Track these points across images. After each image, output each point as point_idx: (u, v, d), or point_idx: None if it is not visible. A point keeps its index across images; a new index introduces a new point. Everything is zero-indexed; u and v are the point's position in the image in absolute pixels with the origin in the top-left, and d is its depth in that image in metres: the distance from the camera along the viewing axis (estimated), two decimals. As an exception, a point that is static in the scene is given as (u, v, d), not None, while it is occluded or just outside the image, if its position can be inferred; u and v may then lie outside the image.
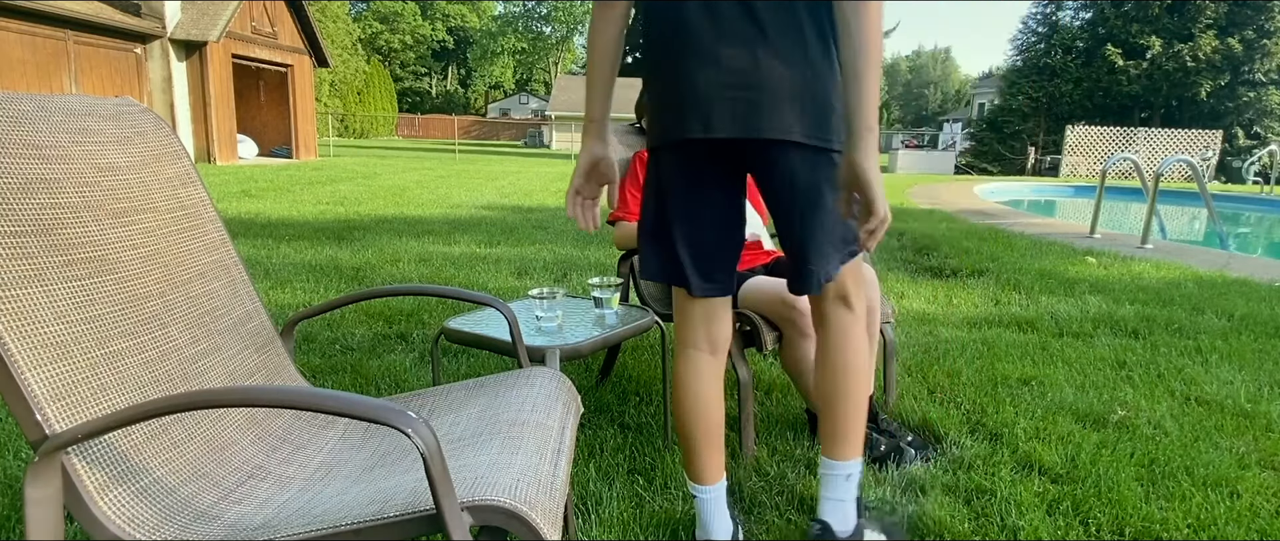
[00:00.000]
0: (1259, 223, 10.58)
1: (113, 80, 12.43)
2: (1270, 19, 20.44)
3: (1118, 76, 21.71)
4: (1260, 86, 21.02)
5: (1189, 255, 5.66)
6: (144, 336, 1.14)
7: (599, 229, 1.98)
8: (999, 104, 24.92)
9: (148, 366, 1.13)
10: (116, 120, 1.26)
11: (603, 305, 2.00)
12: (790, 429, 2.17)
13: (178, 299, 1.22)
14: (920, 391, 2.52)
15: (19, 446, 1.95)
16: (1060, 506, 1.78)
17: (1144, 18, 21.53)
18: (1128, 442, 2.12)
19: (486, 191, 9.68)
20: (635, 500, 1.77)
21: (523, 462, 1.11)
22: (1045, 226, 7.40)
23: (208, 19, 13.60)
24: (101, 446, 1.01)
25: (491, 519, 0.97)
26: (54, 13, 10.97)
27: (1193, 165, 6.57)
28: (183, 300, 1.21)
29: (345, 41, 30.86)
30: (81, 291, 1.06)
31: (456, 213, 7.46)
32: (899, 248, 5.69)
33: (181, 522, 1.02)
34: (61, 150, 1.12)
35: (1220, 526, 1.70)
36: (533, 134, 39.60)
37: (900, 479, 1.89)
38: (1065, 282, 4.39)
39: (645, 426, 2.18)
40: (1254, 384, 2.68)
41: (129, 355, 1.11)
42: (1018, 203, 11.76)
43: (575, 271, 4.49)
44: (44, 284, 1.02)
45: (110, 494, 1.00)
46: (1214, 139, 19.47)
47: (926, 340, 3.13)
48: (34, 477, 0.95)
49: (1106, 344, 3.16)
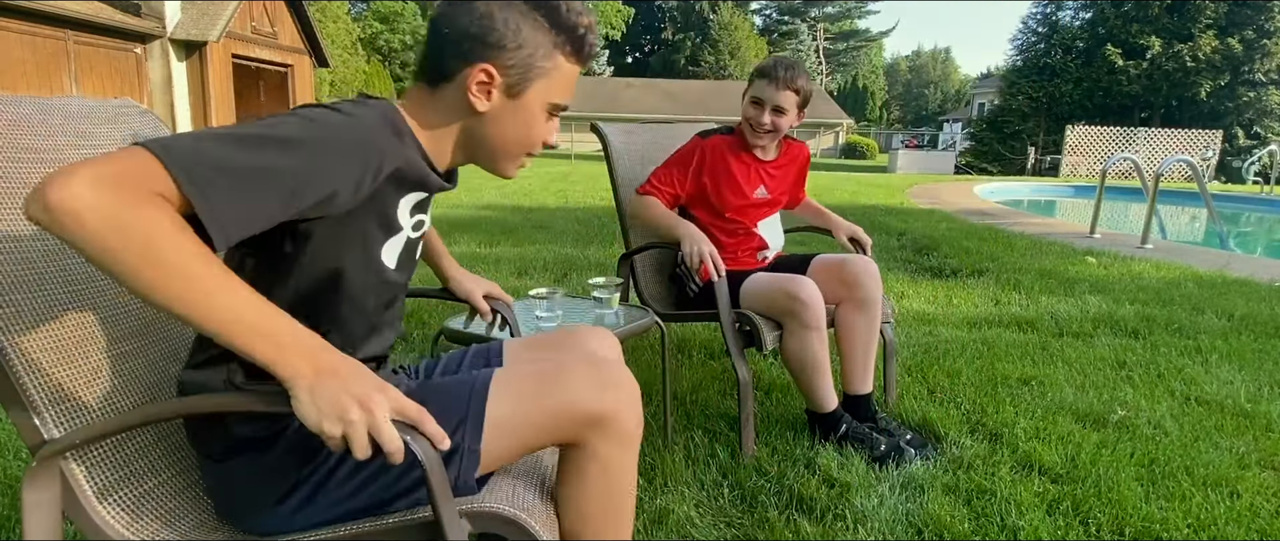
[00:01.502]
0: (1259, 223, 10.58)
1: (113, 80, 12.43)
2: (1270, 19, 20.42)
3: (1118, 76, 21.69)
4: (1260, 86, 21.00)
5: (1189, 255, 5.66)
6: (144, 340, 1.14)
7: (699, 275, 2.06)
8: (999, 104, 24.91)
9: (149, 370, 1.13)
10: (115, 123, 1.26)
11: (603, 305, 2.00)
12: (790, 428, 2.17)
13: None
14: (920, 391, 2.52)
15: (19, 447, 1.95)
16: (1060, 506, 1.78)
17: (1144, 18, 21.51)
18: (1128, 442, 2.12)
19: (486, 191, 9.68)
20: (635, 500, 1.76)
21: (521, 467, 1.11)
22: (1045, 226, 7.40)
23: (208, 19, 13.59)
24: (101, 451, 1.01)
25: (489, 525, 0.97)
26: (54, 12, 10.97)
27: (1193, 165, 6.56)
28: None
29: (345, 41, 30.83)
30: (81, 296, 1.06)
31: (456, 212, 7.46)
32: (899, 247, 5.69)
33: (180, 529, 1.02)
34: (60, 154, 1.12)
35: (1220, 526, 1.70)
36: (533, 134, 39.56)
37: (900, 478, 1.89)
38: (1065, 282, 4.38)
39: (645, 426, 2.17)
40: (1254, 384, 2.68)
41: (130, 359, 1.11)
42: (1017, 203, 11.76)
43: (575, 271, 4.48)
44: (43, 289, 1.02)
45: (109, 499, 1.00)
46: (1214, 139, 19.45)
47: (926, 340, 3.13)
48: (32, 482, 0.95)
49: (1106, 344, 3.16)
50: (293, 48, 16.65)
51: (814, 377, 2.04)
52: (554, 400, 1.02)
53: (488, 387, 1.02)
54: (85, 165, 0.72)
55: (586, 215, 7.42)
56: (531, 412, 1.02)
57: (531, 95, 1.05)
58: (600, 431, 1.02)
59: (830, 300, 2.11)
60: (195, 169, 0.77)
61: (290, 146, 0.85)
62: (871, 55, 62.20)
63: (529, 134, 1.08)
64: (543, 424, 1.02)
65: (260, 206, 0.82)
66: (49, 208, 0.70)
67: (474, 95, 1.02)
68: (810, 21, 53.88)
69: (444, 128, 1.05)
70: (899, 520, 1.71)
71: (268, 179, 0.82)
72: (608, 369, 1.06)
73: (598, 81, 37.36)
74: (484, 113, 1.04)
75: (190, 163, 0.77)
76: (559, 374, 1.04)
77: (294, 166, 0.84)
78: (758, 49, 47.41)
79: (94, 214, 0.70)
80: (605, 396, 1.03)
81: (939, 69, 76.81)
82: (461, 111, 1.04)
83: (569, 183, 11.74)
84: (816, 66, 50.69)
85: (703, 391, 2.49)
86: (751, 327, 2.04)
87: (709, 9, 49.77)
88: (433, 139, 1.05)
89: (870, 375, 2.15)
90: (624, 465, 1.07)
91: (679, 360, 2.86)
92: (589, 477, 1.05)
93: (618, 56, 55.11)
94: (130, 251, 0.72)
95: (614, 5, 46.83)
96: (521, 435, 1.02)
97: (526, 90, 1.04)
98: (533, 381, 1.04)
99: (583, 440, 1.03)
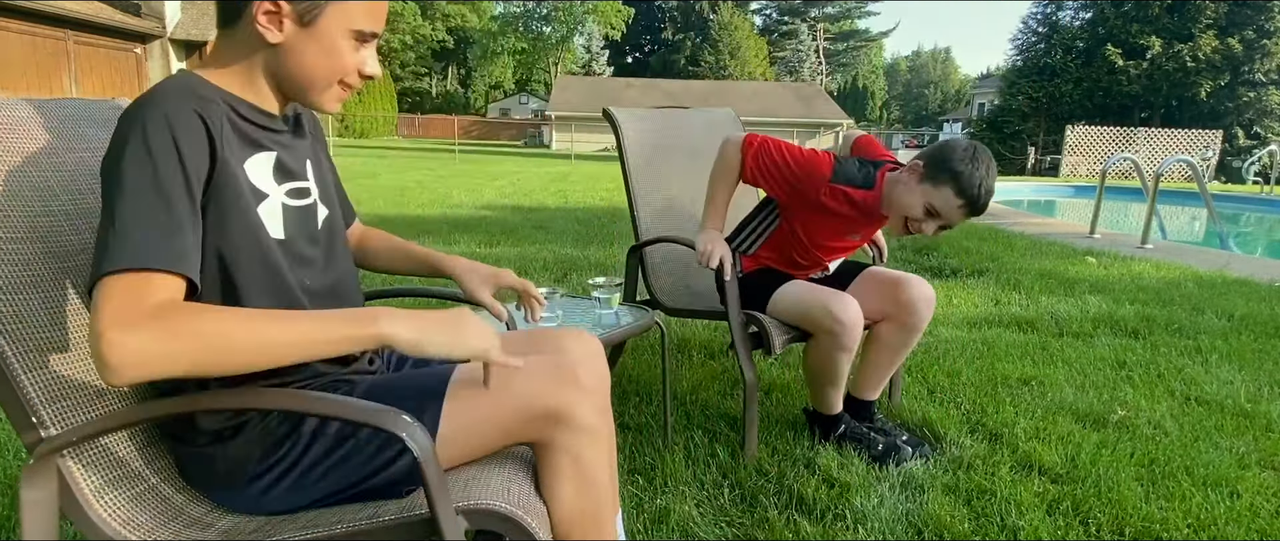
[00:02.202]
0: (1259, 223, 10.57)
1: (112, 80, 12.44)
2: (1270, 19, 20.44)
3: (1118, 76, 21.71)
4: (1260, 86, 21.01)
5: (1189, 255, 5.65)
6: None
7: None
8: (999, 104, 24.93)
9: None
10: (112, 125, 1.25)
11: (603, 305, 2.00)
12: (790, 428, 2.16)
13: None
14: (920, 391, 2.52)
15: (18, 446, 1.95)
16: (1060, 506, 1.77)
17: (1144, 18, 21.53)
18: (1128, 442, 2.12)
19: (486, 191, 9.69)
20: (635, 500, 1.77)
21: (515, 465, 1.11)
22: (1045, 226, 7.40)
23: (208, 19, 13.61)
24: (98, 449, 1.01)
25: (486, 522, 0.97)
26: (54, 13, 10.98)
27: (1193, 165, 6.56)
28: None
29: (345, 42, 30.89)
30: (78, 296, 1.06)
31: (457, 212, 7.46)
32: (899, 247, 5.69)
33: (176, 527, 1.02)
34: (57, 157, 1.11)
35: (1220, 526, 1.70)
36: (532, 134, 39.62)
37: (900, 477, 1.88)
38: (1065, 282, 4.38)
39: (645, 426, 2.18)
40: (1254, 384, 2.67)
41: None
42: (1017, 202, 11.75)
43: (575, 271, 4.48)
44: (40, 289, 1.01)
45: (106, 497, 0.99)
46: (1214, 139, 19.44)
47: (926, 340, 3.13)
48: (29, 480, 0.95)
49: (1106, 344, 3.15)
50: (293, 48, 16.65)
51: (827, 387, 2.02)
52: (511, 397, 1.03)
53: (446, 383, 1.04)
54: (99, 327, 0.81)
55: (586, 215, 7.42)
56: (489, 409, 1.04)
57: (326, 22, 1.01)
58: (561, 427, 1.04)
59: (874, 315, 2.01)
60: (133, 255, 0.85)
61: (144, 181, 0.89)
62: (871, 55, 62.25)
63: (337, 62, 1.04)
64: (501, 420, 1.04)
65: (180, 234, 0.90)
66: (117, 372, 0.81)
67: (263, 26, 0.99)
68: (810, 21, 53.93)
69: (245, 67, 1.03)
70: (899, 520, 1.70)
71: (160, 214, 0.89)
72: (566, 365, 1.07)
73: (598, 81, 37.38)
74: (278, 44, 1.01)
75: (114, 256, 0.85)
76: (517, 371, 1.04)
77: (165, 193, 0.89)
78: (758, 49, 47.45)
79: (139, 360, 0.81)
80: (560, 392, 1.04)
81: (939, 69, 76.82)
82: (255, 45, 1.02)
83: (569, 183, 11.73)
84: (816, 66, 50.69)
85: (703, 391, 2.49)
86: (760, 330, 1.99)
87: (709, 9, 49.81)
88: (242, 83, 1.04)
89: (882, 387, 2.15)
90: (594, 458, 1.07)
91: (679, 360, 2.85)
92: (561, 473, 1.06)
93: (618, 56, 55.15)
94: (197, 362, 0.85)
95: (614, 5, 46.84)
96: (480, 432, 1.04)
97: (319, 17, 1.00)
98: (494, 378, 1.04)
99: (547, 437, 1.05)
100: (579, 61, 50.09)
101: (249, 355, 0.87)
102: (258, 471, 1.02)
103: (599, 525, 1.09)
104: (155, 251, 0.86)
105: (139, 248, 0.86)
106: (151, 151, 0.89)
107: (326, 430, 1.02)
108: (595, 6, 46.10)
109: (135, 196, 0.88)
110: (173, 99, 0.94)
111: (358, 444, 1.01)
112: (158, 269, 0.86)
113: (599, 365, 1.19)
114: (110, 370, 0.80)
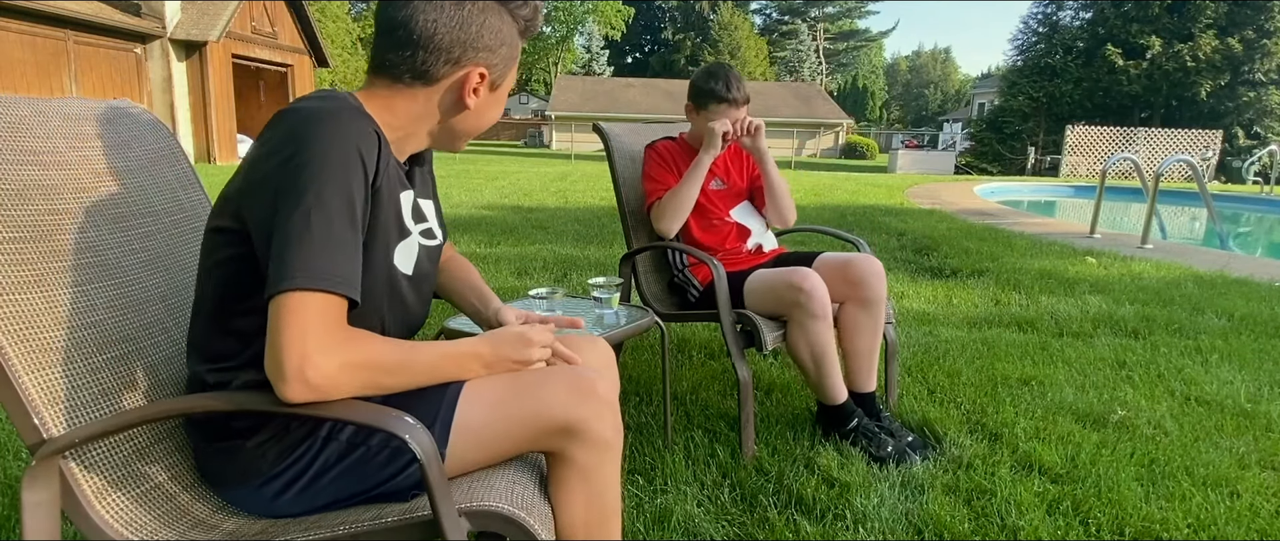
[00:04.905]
0: (1259, 223, 10.57)
1: (113, 80, 12.43)
2: (1270, 19, 20.40)
3: (1118, 76, 21.67)
4: (1260, 86, 20.98)
5: (1189, 255, 5.66)
6: (145, 341, 1.14)
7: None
8: (999, 104, 24.90)
9: (150, 371, 1.13)
10: (114, 124, 1.26)
11: (603, 305, 2.00)
12: (790, 428, 2.17)
13: (180, 303, 1.22)
14: (920, 391, 2.52)
15: (19, 447, 1.95)
16: (1060, 506, 1.78)
17: (1144, 18, 21.49)
18: (1128, 442, 2.12)
19: (486, 191, 9.68)
20: (635, 500, 1.77)
21: (519, 466, 1.11)
22: (1045, 226, 7.40)
23: (208, 19, 13.60)
24: (100, 451, 1.01)
25: (488, 524, 0.97)
26: (54, 12, 10.97)
27: (1193, 165, 6.56)
28: (185, 304, 1.21)
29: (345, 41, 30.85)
30: (81, 296, 1.06)
31: (456, 212, 7.46)
32: (899, 247, 5.69)
33: (181, 528, 1.02)
34: (59, 155, 1.11)
35: (1220, 526, 1.70)
36: (532, 134, 39.59)
37: (900, 477, 1.89)
38: (1065, 283, 4.38)
39: (645, 426, 2.18)
40: (1254, 384, 2.68)
41: (128, 360, 1.10)
42: (1018, 203, 11.75)
43: (575, 271, 4.48)
44: (43, 289, 1.02)
45: (108, 498, 0.99)
46: (1214, 139, 19.43)
47: (926, 340, 3.13)
48: (31, 481, 0.95)
49: (1106, 344, 3.16)
50: (293, 47, 16.65)
51: (822, 368, 2.04)
52: (526, 408, 1.03)
53: (459, 394, 1.03)
54: (301, 346, 0.84)
55: (586, 215, 7.42)
56: (503, 420, 1.03)
57: (506, 83, 1.11)
58: (574, 440, 1.03)
59: (834, 299, 2.11)
60: (329, 278, 0.88)
61: (337, 199, 0.90)
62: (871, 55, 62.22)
63: (495, 116, 1.14)
64: (513, 432, 1.03)
65: (358, 257, 0.93)
66: (318, 392, 0.86)
67: (470, 96, 1.05)
68: (810, 21, 53.89)
69: (418, 118, 1.07)
70: (899, 520, 1.70)
71: (347, 234, 0.91)
72: (584, 379, 1.06)
73: (598, 81, 37.34)
74: (471, 108, 1.07)
75: (315, 273, 0.86)
76: (533, 382, 1.04)
77: (352, 214, 0.92)
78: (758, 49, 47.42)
79: (334, 385, 0.87)
80: (577, 405, 1.03)
81: (939, 69, 76.79)
82: (450, 109, 1.07)
83: (569, 183, 11.73)
84: (816, 66, 50.68)
85: (703, 391, 2.49)
86: (751, 328, 2.04)
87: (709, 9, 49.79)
88: (404, 130, 1.07)
89: (874, 374, 2.15)
90: (604, 473, 1.07)
91: (679, 360, 2.86)
92: (570, 486, 1.06)
93: (618, 56, 55.10)
94: (366, 386, 0.91)
95: (614, 5, 46.81)
96: (493, 442, 1.04)
97: (504, 80, 1.10)
98: (507, 389, 1.04)
99: (559, 449, 1.04)
100: (579, 61, 50.05)
101: (402, 381, 0.95)
102: (273, 472, 1.02)
103: (604, 532, 1.09)
104: (347, 276, 0.89)
105: (336, 270, 0.88)
106: (342, 168, 0.91)
107: (340, 435, 1.02)
108: (595, 6, 46.07)
109: (327, 212, 0.89)
110: (356, 120, 0.96)
111: (369, 451, 1.01)
112: (344, 294, 0.89)
113: (614, 374, 1.20)
114: (311, 390, 0.85)
